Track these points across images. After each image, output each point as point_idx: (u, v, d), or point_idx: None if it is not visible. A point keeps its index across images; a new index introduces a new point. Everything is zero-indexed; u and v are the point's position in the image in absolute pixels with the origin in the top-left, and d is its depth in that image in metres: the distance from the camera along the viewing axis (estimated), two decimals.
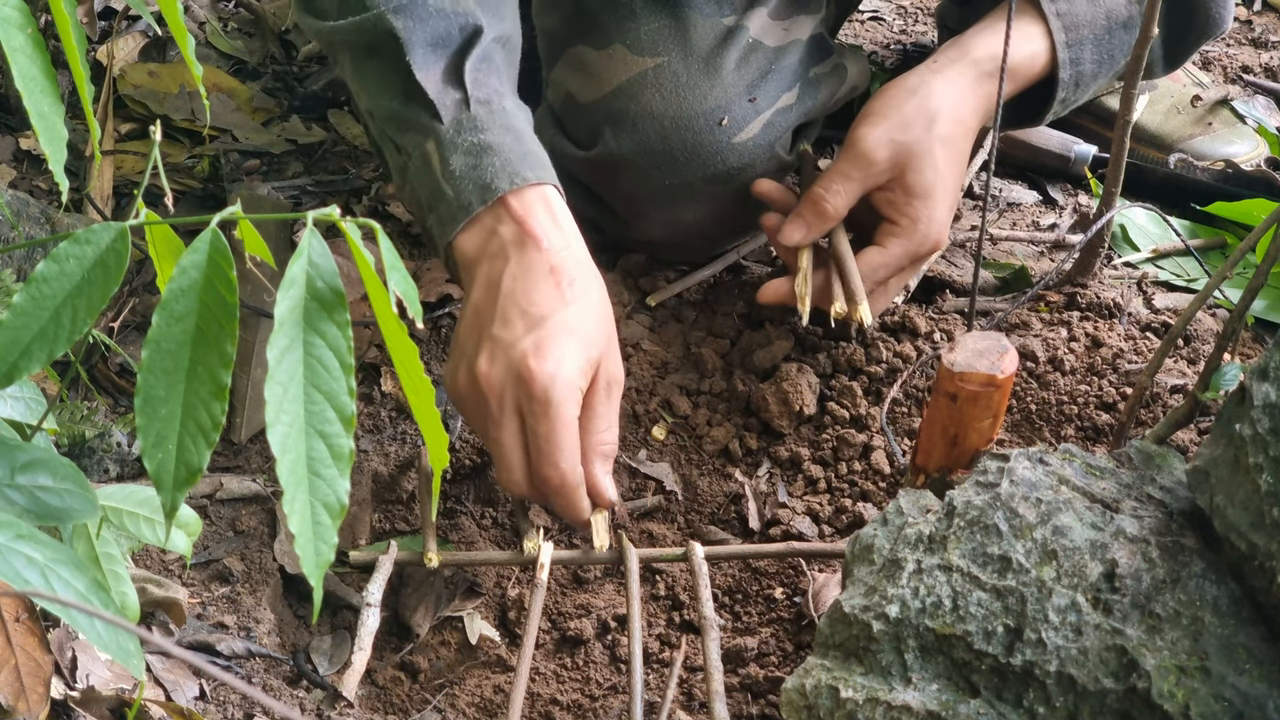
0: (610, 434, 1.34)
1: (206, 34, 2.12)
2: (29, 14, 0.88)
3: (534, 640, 1.25)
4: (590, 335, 1.31)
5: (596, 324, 1.32)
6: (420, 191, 1.39)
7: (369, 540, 1.44)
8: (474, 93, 1.37)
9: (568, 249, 1.34)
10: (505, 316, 1.30)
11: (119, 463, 1.38)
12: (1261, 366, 1.00)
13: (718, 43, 1.60)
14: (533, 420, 1.28)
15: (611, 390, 1.34)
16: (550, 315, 1.29)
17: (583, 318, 1.31)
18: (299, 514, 0.82)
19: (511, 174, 1.34)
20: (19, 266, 1.43)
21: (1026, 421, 1.54)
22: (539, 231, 1.32)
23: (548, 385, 1.27)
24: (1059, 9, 1.57)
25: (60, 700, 1.10)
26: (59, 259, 0.84)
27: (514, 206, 1.33)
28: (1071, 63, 1.59)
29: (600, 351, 1.31)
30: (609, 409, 1.34)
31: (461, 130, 1.36)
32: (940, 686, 1.03)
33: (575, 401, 1.29)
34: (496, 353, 1.30)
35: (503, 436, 1.30)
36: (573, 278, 1.32)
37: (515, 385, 1.28)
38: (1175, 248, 1.78)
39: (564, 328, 1.29)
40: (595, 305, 1.33)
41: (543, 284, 1.31)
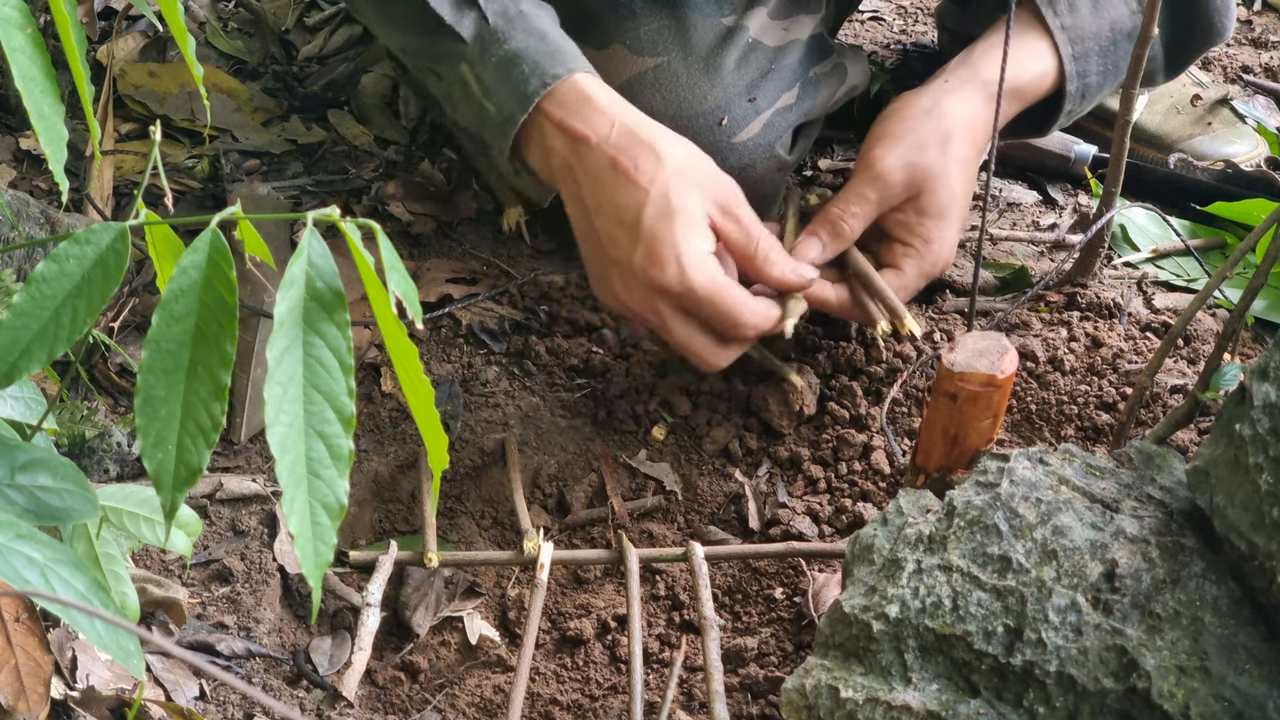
0: (761, 242, 1.39)
1: (206, 34, 2.12)
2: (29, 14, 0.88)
3: (534, 640, 1.25)
4: (680, 200, 1.35)
5: (681, 185, 1.35)
6: (470, 116, 1.43)
7: (369, 540, 1.44)
8: (487, 6, 1.41)
9: (613, 128, 1.37)
10: (610, 236, 1.36)
11: (119, 463, 1.38)
12: (1261, 366, 1.00)
13: (717, 43, 1.60)
14: (695, 310, 1.36)
15: (730, 210, 1.38)
16: (640, 214, 1.34)
17: (664, 191, 1.34)
18: (299, 514, 0.82)
19: (542, 74, 1.38)
20: (19, 266, 1.43)
21: (1026, 421, 1.54)
22: (583, 128, 1.37)
23: (681, 280, 1.33)
24: (1064, 23, 1.57)
25: (60, 700, 1.10)
26: (59, 259, 0.84)
27: (553, 113, 1.38)
28: (1078, 75, 1.59)
29: (699, 202, 1.36)
30: (742, 227, 1.39)
31: (487, 46, 1.40)
32: (940, 686, 1.03)
33: (711, 267, 1.35)
34: (625, 278, 1.36)
35: (680, 336, 1.39)
36: (633, 157, 1.36)
37: (659, 297, 1.35)
38: (1175, 248, 1.78)
39: (658, 217, 1.34)
40: (670, 166, 1.36)
41: (616, 183, 1.35)
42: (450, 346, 1.62)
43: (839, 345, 1.61)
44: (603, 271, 1.39)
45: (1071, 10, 1.57)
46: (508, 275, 1.71)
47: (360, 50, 2.10)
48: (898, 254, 1.54)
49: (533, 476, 1.50)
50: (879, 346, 1.60)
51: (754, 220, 1.41)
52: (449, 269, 1.72)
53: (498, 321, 1.64)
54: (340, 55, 2.11)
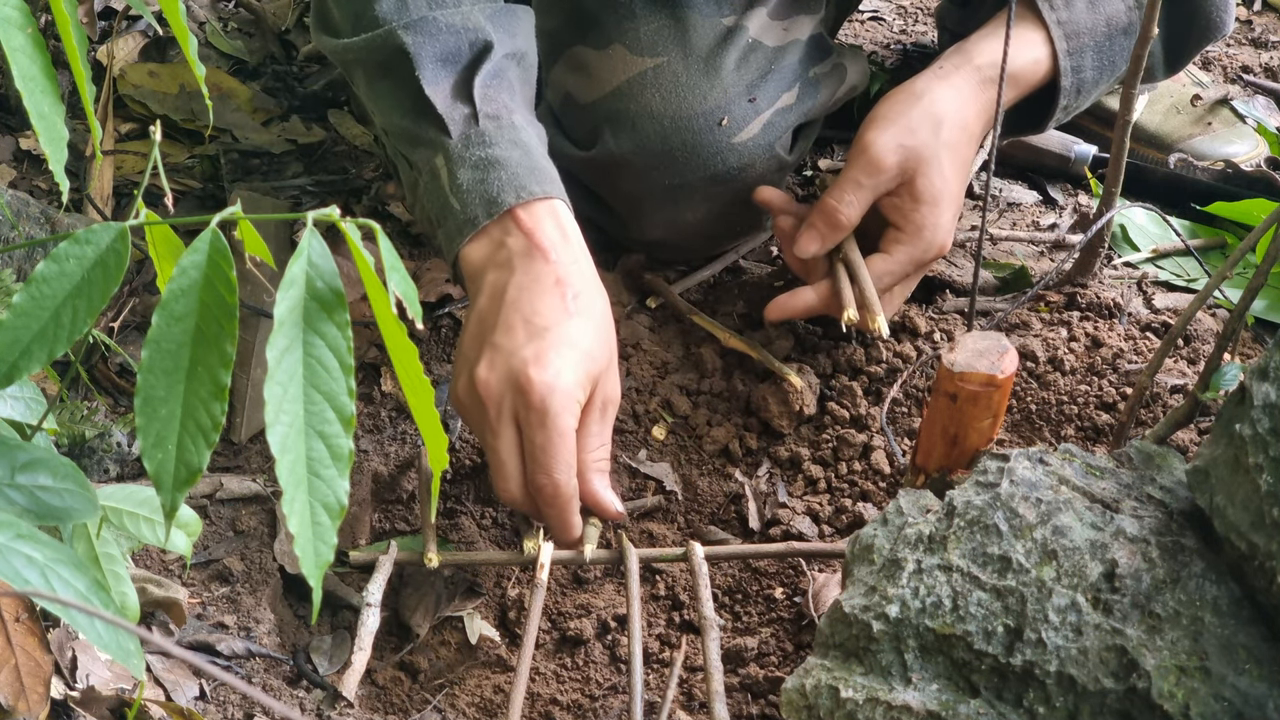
0: (604, 451, 1.34)
1: (206, 34, 2.12)
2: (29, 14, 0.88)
3: (534, 640, 1.25)
4: (592, 350, 1.31)
5: (598, 339, 1.32)
6: (430, 207, 1.39)
7: (369, 540, 1.44)
8: (483, 108, 1.38)
9: (575, 263, 1.34)
10: (508, 324, 1.30)
11: (119, 463, 1.38)
12: (1261, 366, 1.01)
13: (717, 43, 1.60)
14: (529, 429, 1.28)
15: (607, 409, 1.34)
16: (553, 326, 1.29)
17: (585, 332, 1.31)
18: (299, 514, 0.82)
19: (518, 188, 1.34)
20: (19, 266, 1.43)
21: (1026, 421, 1.54)
22: (546, 244, 1.33)
23: (545, 395, 1.26)
24: (1060, 17, 1.57)
25: (60, 700, 1.10)
26: (59, 259, 0.84)
27: (523, 219, 1.34)
28: (1073, 70, 1.59)
29: (600, 368, 1.31)
30: (603, 427, 1.34)
31: (470, 145, 1.36)
32: (940, 686, 1.03)
33: (573, 413, 1.28)
34: (497, 360, 1.29)
35: (499, 444, 1.30)
36: (578, 291, 1.32)
37: (514, 393, 1.28)
38: (1175, 248, 1.78)
39: (566, 340, 1.29)
40: (598, 321, 1.33)
41: (548, 295, 1.31)
42: (450, 346, 1.62)
43: (839, 345, 1.61)
44: (473, 354, 1.33)
45: (1067, 5, 1.57)
46: None
47: None
48: (890, 239, 1.54)
49: None
50: (879, 346, 1.60)
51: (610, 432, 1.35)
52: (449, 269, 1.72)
53: None
54: None
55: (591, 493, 1.32)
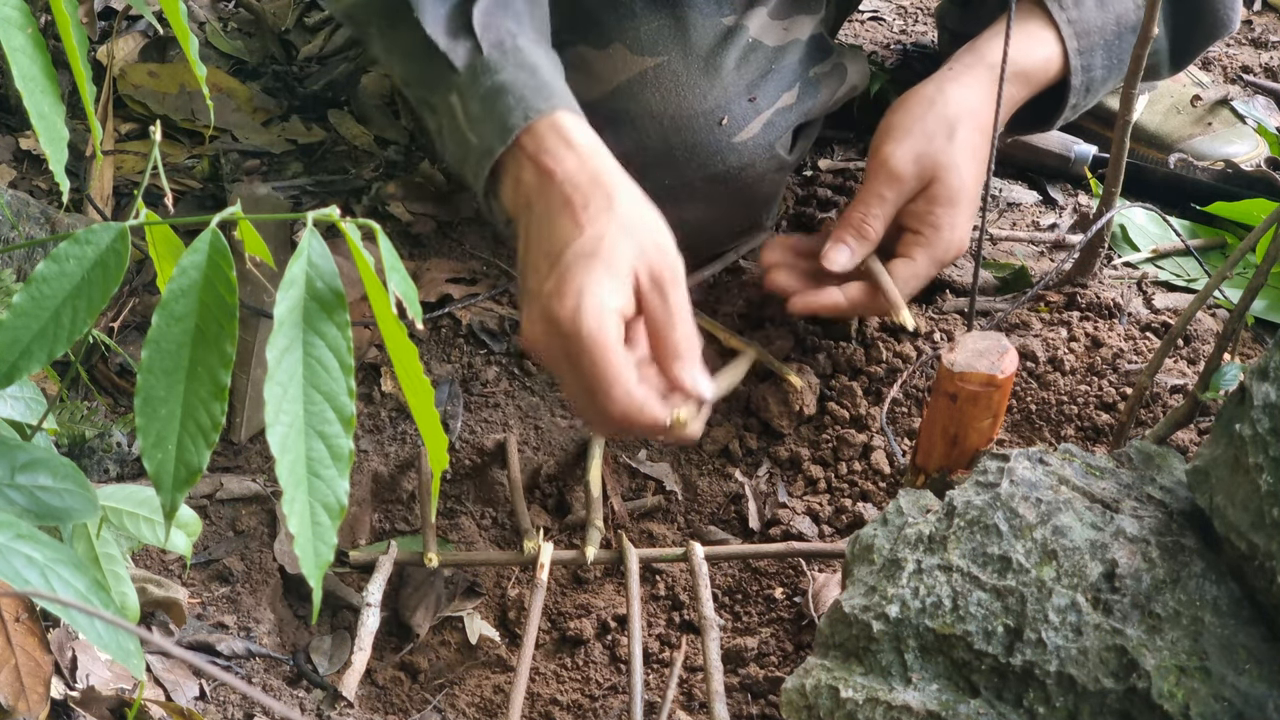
0: (678, 332, 1.25)
1: (206, 34, 2.12)
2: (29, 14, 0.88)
3: (534, 640, 1.25)
4: (611, 249, 1.24)
5: (619, 235, 1.26)
6: (453, 147, 1.38)
7: (369, 540, 1.44)
8: (484, 36, 1.37)
9: (580, 170, 1.30)
10: (534, 265, 1.28)
11: (119, 463, 1.38)
12: (1261, 366, 1.00)
13: (717, 42, 1.60)
14: (576, 361, 1.22)
15: (663, 288, 1.25)
16: (565, 248, 1.25)
17: (599, 235, 1.25)
18: (299, 514, 0.82)
19: (526, 108, 1.32)
20: (19, 266, 1.43)
21: (1026, 421, 1.54)
22: (550, 163, 1.30)
23: (573, 320, 1.21)
24: (1070, 16, 1.57)
25: (60, 700, 1.10)
26: (59, 259, 0.84)
27: (527, 145, 1.32)
28: (1083, 69, 1.59)
29: (630, 261, 1.25)
30: (667, 306, 1.25)
31: (477, 76, 1.36)
32: (940, 686, 1.03)
33: (610, 324, 1.21)
34: (532, 306, 1.27)
35: (567, 385, 1.26)
36: (586, 199, 1.28)
37: (551, 332, 1.23)
38: (1175, 248, 1.78)
39: (580, 256, 1.24)
40: (618, 216, 1.27)
41: (559, 218, 1.27)
42: (450, 346, 1.62)
43: (839, 345, 1.61)
44: (522, 304, 1.30)
45: (1077, 4, 1.57)
46: (508, 275, 1.71)
47: (360, 50, 2.10)
48: (909, 242, 1.54)
49: (533, 476, 1.50)
50: (879, 346, 1.60)
51: (683, 305, 1.27)
52: (449, 269, 1.72)
53: (498, 321, 1.64)
54: (340, 55, 2.11)
55: (679, 380, 1.24)
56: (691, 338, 1.26)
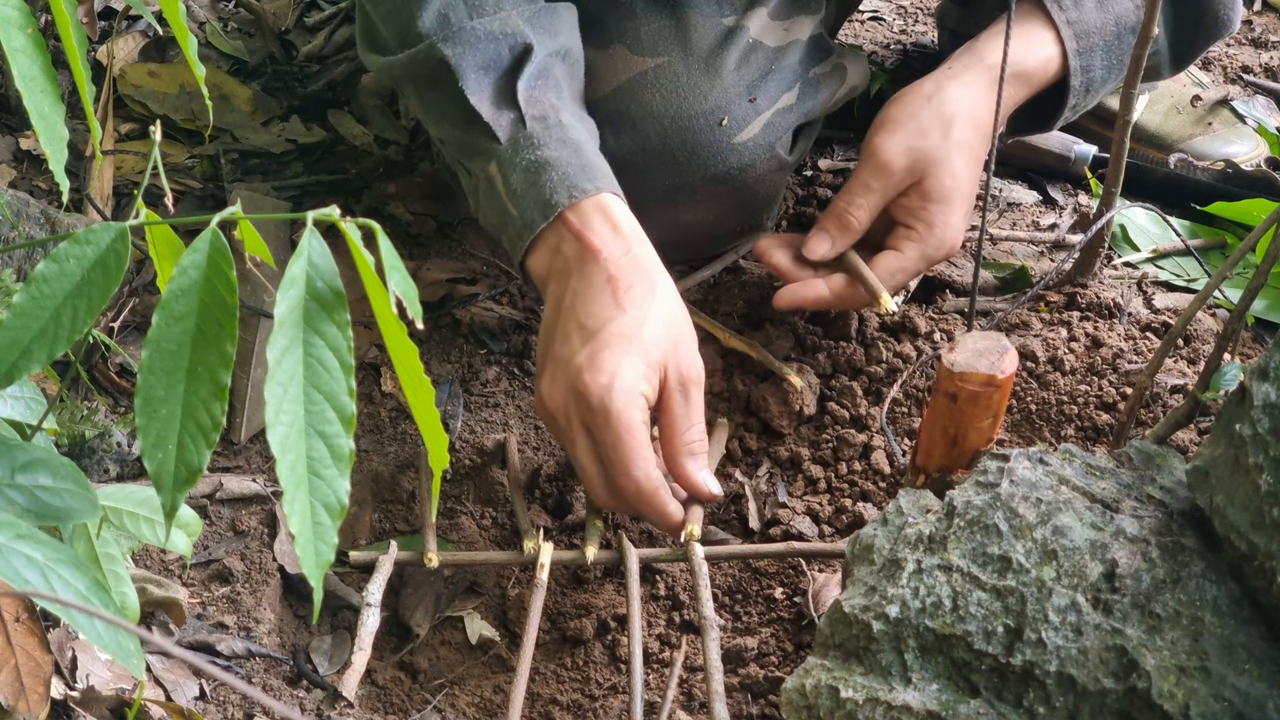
0: (694, 432, 1.32)
1: (206, 34, 2.12)
2: (29, 14, 0.88)
3: (534, 640, 1.25)
4: (650, 338, 1.30)
5: (658, 325, 1.31)
6: (490, 214, 1.41)
7: (369, 540, 1.44)
8: (528, 110, 1.39)
9: (627, 254, 1.34)
10: (565, 333, 1.31)
11: (119, 463, 1.38)
12: (1261, 366, 1.00)
13: (718, 43, 1.60)
14: (597, 432, 1.28)
15: (688, 389, 1.32)
16: (605, 326, 1.29)
17: (640, 321, 1.30)
18: (299, 514, 0.82)
19: (570, 187, 1.35)
20: (19, 266, 1.43)
21: (1026, 421, 1.54)
22: (597, 243, 1.33)
23: (603, 396, 1.26)
24: (1069, 17, 1.57)
25: (60, 700, 1.10)
26: (59, 259, 0.84)
27: (572, 221, 1.35)
28: (1083, 70, 1.59)
29: (664, 353, 1.30)
30: (688, 407, 1.32)
31: (519, 149, 1.38)
32: (940, 686, 1.03)
33: (637, 407, 1.27)
34: (557, 371, 1.31)
35: (577, 452, 1.31)
36: (630, 283, 1.32)
37: (574, 401, 1.28)
38: (1175, 248, 1.78)
39: (619, 336, 1.29)
40: (657, 307, 1.32)
41: (600, 295, 1.31)
42: (450, 346, 1.62)
43: (839, 345, 1.61)
44: (542, 367, 1.34)
45: (1077, 5, 1.57)
46: (508, 275, 1.71)
47: None
48: (900, 236, 1.54)
49: (533, 476, 1.50)
50: (879, 346, 1.60)
51: (700, 410, 1.33)
52: (449, 269, 1.72)
53: (498, 321, 1.64)
54: (340, 55, 2.11)
55: (684, 476, 1.32)
56: (704, 442, 1.33)
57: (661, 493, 1.29)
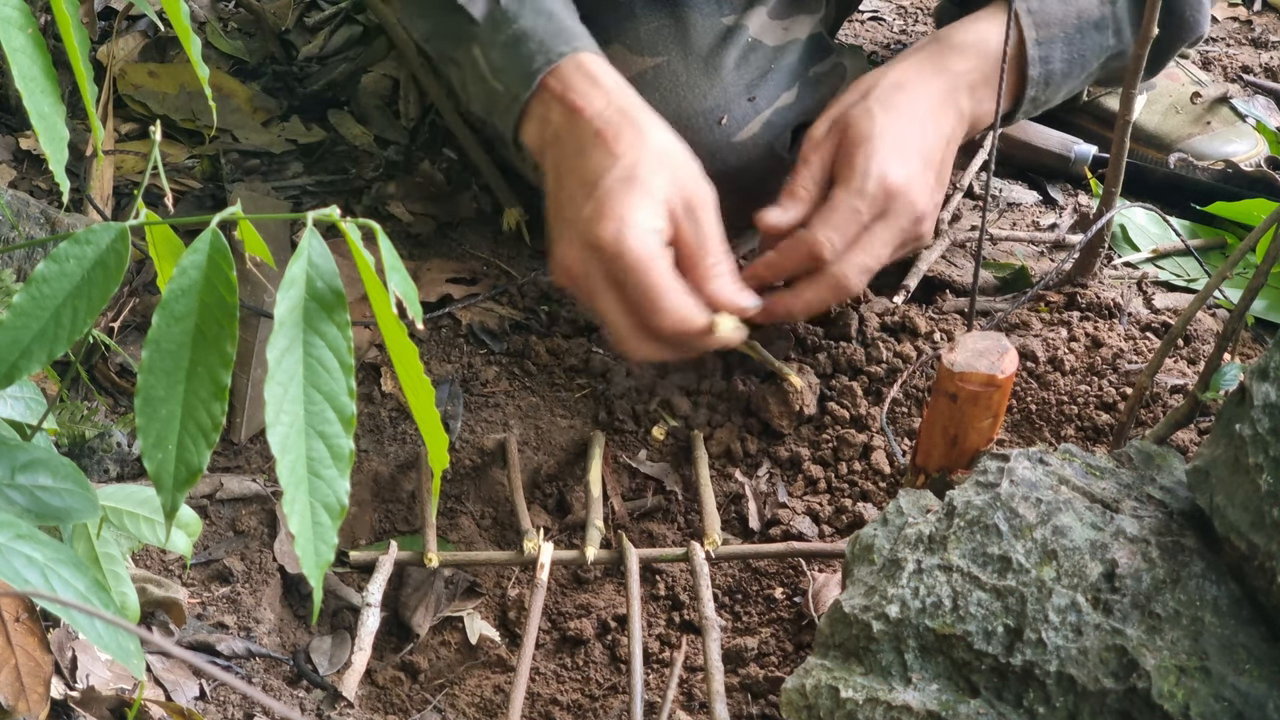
0: (713, 253, 1.34)
1: (206, 34, 2.12)
2: (29, 14, 0.88)
3: (534, 640, 1.25)
4: (648, 175, 1.32)
5: (654, 162, 1.33)
6: (479, 98, 1.45)
7: (369, 540, 1.44)
8: None
9: (608, 105, 1.37)
10: (569, 195, 1.35)
11: (119, 463, 1.38)
12: (1261, 366, 1.01)
13: (717, 42, 1.60)
14: (621, 279, 1.30)
15: (695, 213, 1.34)
16: (603, 176, 1.32)
17: (635, 162, 1.33)
18: (299, 514, 0.82)
19: (547, 52, 1.39)
20: (19, 266, 1.43)
21: (1026, 421, 1.54)
22: (580, 101, 1.37)
23: (615, 240, 1.28)
24: (1030, 6, 1.57)
25: (60, 700, 1.10)
26: (59, 259, 0.84)
27: (553, 86, 1.38)
28: (1041, 60, 1.59)
29: (667, 186, 1.32)
30: (700, 230, 1.34)
31: (497, 26, 1.41)
32: (940, 686, 1.03)
33: (653, 242, 1.29)
34: (569, 236, 1.33)
35: (605, 307, 1.33)
36: (618, 130, 1.35)
37: (592, 256, 1.30)
38: (1175, 248, 1.78)
39: (619, 181, 1.31)
40: (650, 146, 1.35)
41: (593, 149, 1.34)
42: (450, 346, 1.62)
43: (839, 345, 1.61)
44: (556, 235, 1.37)
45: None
46: (508, 275, 1.71)
47: (360, 50, 2.10)
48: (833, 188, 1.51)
49: (533, 476, 1.50)
50: (879, 346, 1.60)
51: (715, 231, 1.36)
52: (449, 269, 1.72)
53: (498, 321, 1.64)
54: (340, 55, 2.11)
55: (717, 297, 1.33)
56: (724, 260, 1.35)
57: (697, 313, 1.31)
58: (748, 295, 1.35)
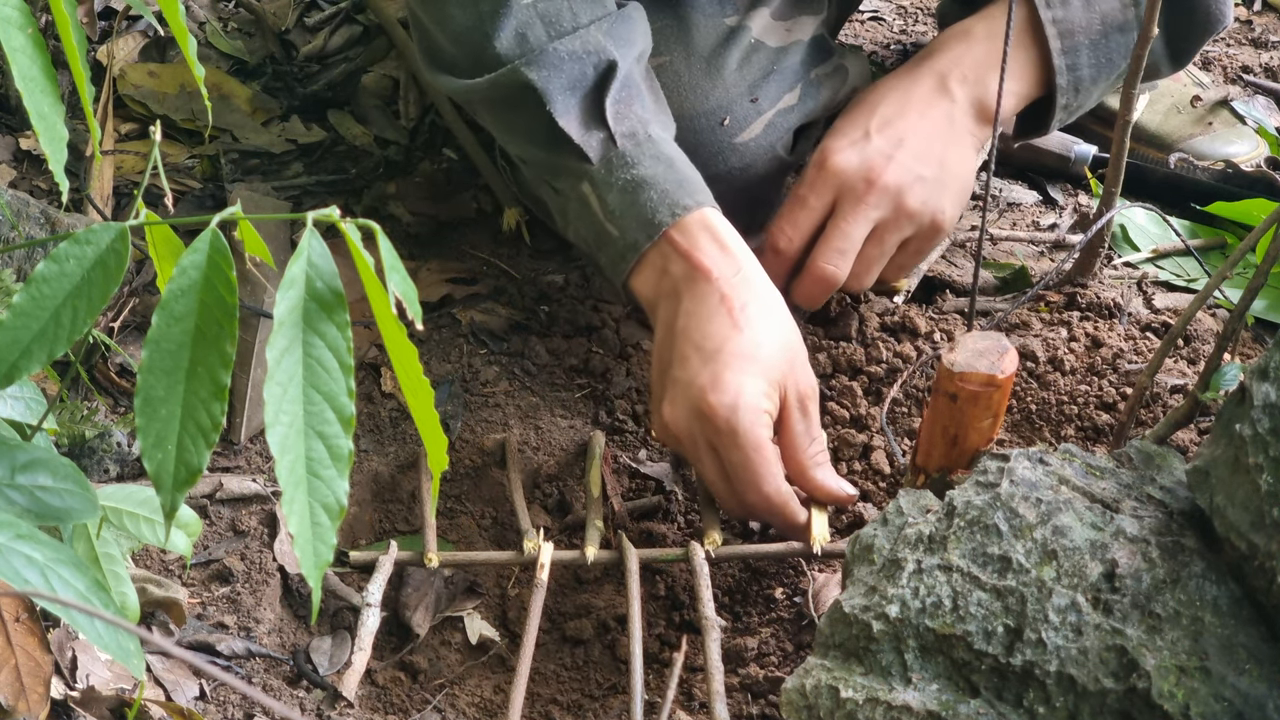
0: (816, 445, 1.36)
1: (206, 34, 2.12)
2: (29, 14, 0.88)
3: (534, 640, 1.25)
4: (768, 356, 1.32)
5: (774, 343, 1.33)
6: (585, 232, 1.42)
7: (369, 540, 1.44)
8: (617, 128, 1.40)
9: (738, 273, 1.35)
10: (682, 356, 1.33)
11: (119, 463, 1.38)
12: (1261, 366, 1.00)
13: (719, 43, 1.60)
14: (725, 452, 1.31)
15: (806, 404, 1.35)
16: (723, 346, 1.31)
17: (757, 341, 1.32)
18: (298, 515, 0.82)
19: (671, 204, 1.36)
20: (19, 266, 1.43)
21: (1026, 421, 1.54)
22: (706, 262, 1.35)
23: (729, 416, 1.29)
24: (1054, 15, 1.57)
25: (60, 700, 1.10)
26: (59, 259, 0.84)
27: (678, 241, 1.36)
28: (1069, 69, 1.59)
29: (783, 371, 1.33)
30: (808, 422, 1.36)
31: (613, 169, 1.38)
32: (940, 686, 1.03)
33: (762, 424, 1.30)
34: (678, 395, 1.32)
35: (706, 471, 1.34)
36: (744, 302, 1.33)
37: (700, 423, 1.31)
38: (1175, 248, 1.78)
39: (739, 355, 1.30)
40: (772, 325, 1.34)
41: (714, 315, 1.33)
42: (450, 346, 1.62)
43: (839, 345, 1.61)
44: (660, 390, 1.36)
45: (1064, 4, 1.57)
46: (508, 275, 1.71)
47: (360, 50, 2.10)
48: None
49: (533, 476, 1.50)
50: (879, 346, 1.60)
51: (818, 423, 1.37)
52: (449, 269, 1.72)
53: (498, 321, 1.64)
54: (340, 55, 2.11)
55: (817, 487, 1.35)
56: (826, 452, 1.37)
57: (791, 504, 1.33)
58: (845, 486, 1.37)
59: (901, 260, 1.59)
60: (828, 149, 1.55)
